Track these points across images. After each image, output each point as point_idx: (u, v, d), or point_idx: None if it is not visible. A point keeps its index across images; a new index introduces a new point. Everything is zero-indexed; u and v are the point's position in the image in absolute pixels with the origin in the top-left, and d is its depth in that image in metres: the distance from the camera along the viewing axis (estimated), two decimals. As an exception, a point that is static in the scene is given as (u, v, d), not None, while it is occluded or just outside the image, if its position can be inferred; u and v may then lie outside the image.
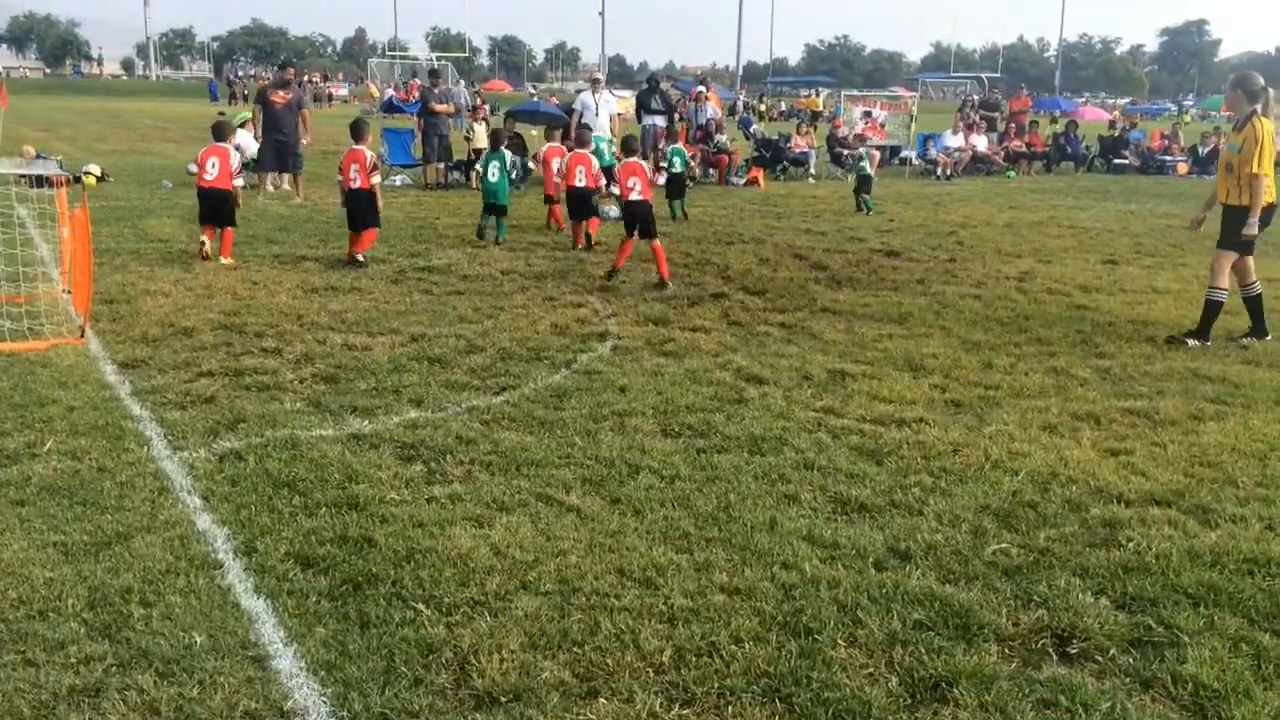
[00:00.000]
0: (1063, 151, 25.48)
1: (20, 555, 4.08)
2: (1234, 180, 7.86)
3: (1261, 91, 7.85)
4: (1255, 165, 7.66)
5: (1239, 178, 7.81)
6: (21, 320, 7.51)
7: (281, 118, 15.95)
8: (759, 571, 4.15)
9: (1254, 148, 7.65)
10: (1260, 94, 7.85)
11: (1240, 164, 7.75)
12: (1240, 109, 7.98)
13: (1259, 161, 7.65)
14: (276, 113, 15.92)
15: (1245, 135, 7.76)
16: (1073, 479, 5.19)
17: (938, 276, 10.68)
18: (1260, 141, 7.64)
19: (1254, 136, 7.68)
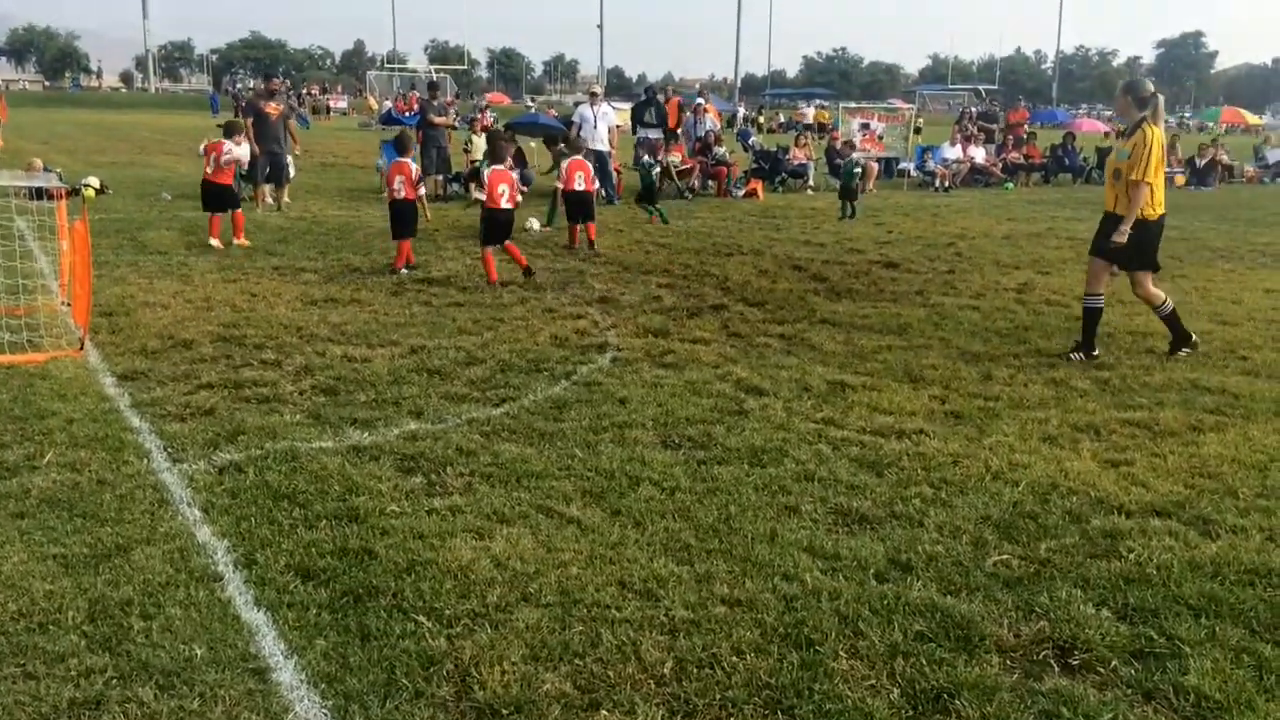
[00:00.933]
0: (1060, 163, 25.56)
1: (20, 568, 4.07)
2: (1122, 188, 7.62)
3: (1151, 98, 7.63)
4: (1139, 172, 7.43)
5: (1126, 185, 7.58)
6: (21, 332, 7.50)
7: (274, 129, 15.97)
8: (760, 583, 4.14)
9: (1143, 153, 7.41)
10: (1150, 100, 7.62)
11: (1128, 170, 7.51)
12: (1130, 115, 7.75)
13: (1144, 169, 7.42)
14: (269, 124, 15.92)
15: (1135, 142, 7.51)
16: (1073, 490, 5.19)
17: (936, 288, 10.69)
18: (1149, 148, 7.42)
19: (1143, 143, 7.43)
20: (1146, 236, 7.66)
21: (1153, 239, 7.76)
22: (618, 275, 11.14)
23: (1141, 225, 7.56)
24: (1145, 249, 7.73)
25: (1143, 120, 7.55)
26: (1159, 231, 7.78)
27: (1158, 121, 7.58)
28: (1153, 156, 7.42)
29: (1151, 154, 7.41)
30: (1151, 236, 7.72)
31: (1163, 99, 7.71)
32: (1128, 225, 7.53)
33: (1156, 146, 7.44)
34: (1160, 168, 7.53)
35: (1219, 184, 25.80)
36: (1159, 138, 7.51)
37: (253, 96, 17.65)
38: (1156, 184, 7.53)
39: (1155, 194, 7.56)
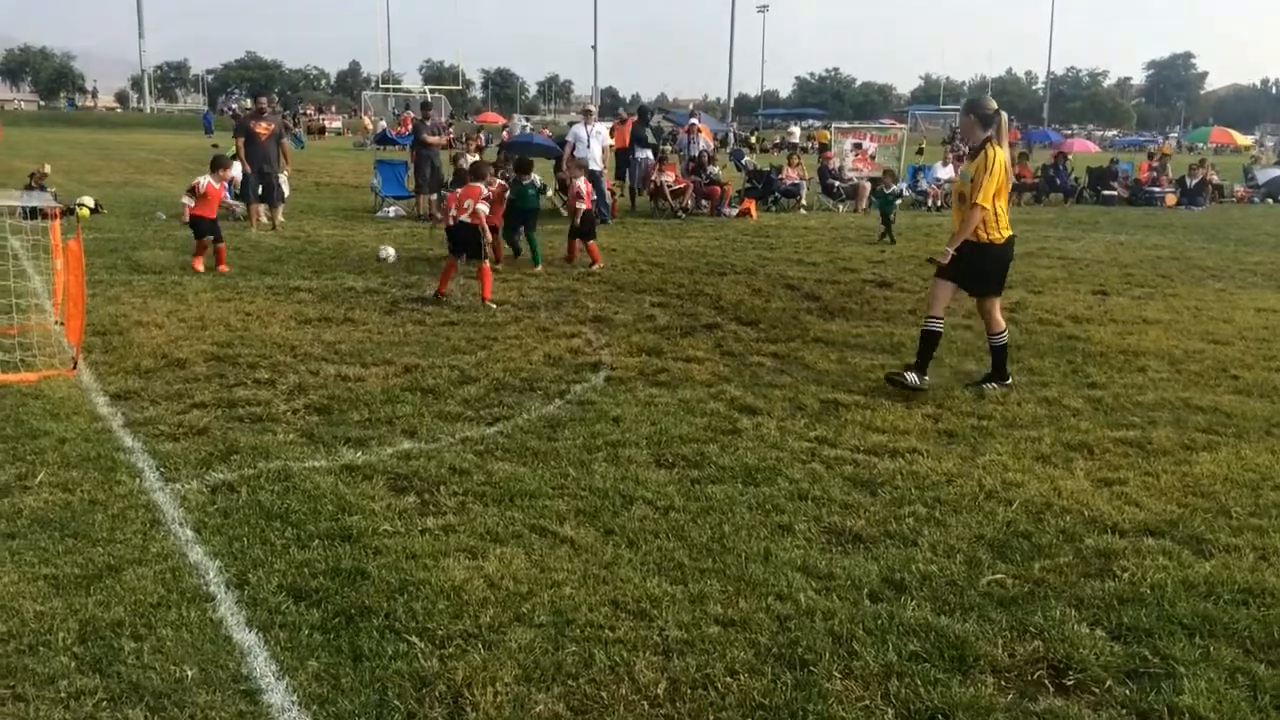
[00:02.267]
0: (1052, 183, 25.69)
1: (11, 588, 4.05)
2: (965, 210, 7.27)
3: (994, 117, 7.17)
4: (977, 194, 7.02)
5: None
6: (14, 352, 7.49)
7: (265, 148, 15.95)
8: (754, 603, 4.14)
9: (984, 176, 7.02)
10: (993, 119, 7.17)
11: (971, 193, 7.11)
12: (974, 136, 7.27)
13: (982, 192, 7.02)
14: (261, 144, 15.91)
15: (977, 164, 7.14)
16: (1066, 509, 5.19)
17: (930, 307, 10.71)
18: (991, 171, 7.03)
19: (985, 165, 7.05)
20: (991, 261, 7.28)
21: (998, 263, 7.35)
22: (611, 294, 11.15)
23: (985, 249, 7.19)
24: (990, 273, 7.36)
25: (987, 140, 7.15)
26: (1006, 255, 7.38)
27: (1002, 142, 7.17)
28: (993, 178, 7.03)
29: (992, 176, 7.02)
30: (996, 260, 7.32)
31: (1006, 117, 7.23)
32: (952, 247, 7.21)
33: (998, 168, 7.06)
34: (1004, 190, 7.17)
35: (1210, 203, 25.93)
36: (1002, 159, 7.11)
37: (244, 116, 17.60)
38: (1000, 206, 7.15)
39: (1000, 217, 7.17)
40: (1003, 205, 7.20)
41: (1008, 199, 7.31)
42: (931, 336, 7.45)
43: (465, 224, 10.56)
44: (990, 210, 7.10)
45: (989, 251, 7.23)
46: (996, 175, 7.05)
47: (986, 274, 7.36)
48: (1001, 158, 7.11)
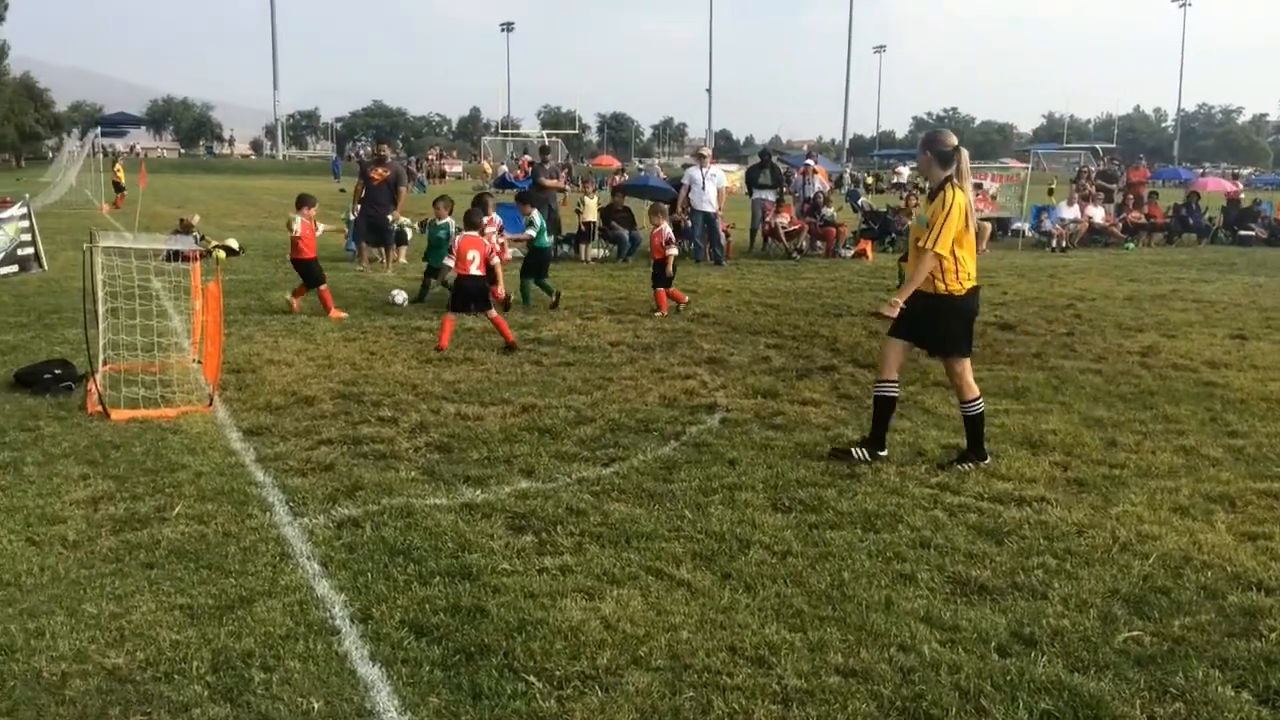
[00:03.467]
0: (1184, 223, 24.78)
1: (149, 617, 4.21)
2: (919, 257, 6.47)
3: (954, 154, 6.37)
4: (928, 240, 6.25)
5: None
6: (155, 388, 7.84)
7: (376, 193, 16.40)
8: (875, 653, 4.03)
9: (941, 220, 6.23)
10: (953, 157, 6.38)
11: (927, 238, 6.31)
12: (933, 175, 6.50)
13: (934, 236, 6.23)
14: (374, 189, 16.41)
15: (934, 206, 6.35)
16: (1208, 564, 4.94)
17: (1055, 350, 10.40)
18: (949, 214, 6.23)
19: (942, 207, 6.26)
20: (951, 315, 6.42)
21: (960, 317, 6.48)
22: (726, 335, 11.13)
23: (942, 301, 6.38)
24: (952, 330, 6.47)
25: (947, 180, 6.35)
26: (968, 308, 6.51)
27: (963, 182, 6.39)
28: (952, 223, 6.24)
29: (950, 220, 6.24)
30: (957, 314, 6.45)
31: (966, 154, 6.46)
32: (901, 298, 6.43)
33: (957, 212, 6.25)
34: (965, 236, 6.33)
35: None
36: (962, 202, 6.29)
37: (365, 162, 18.21)
38: (962, 254, 6.33)
39: (962, 265, 6.34)
40: (965, 253, 6.36)
41: (973, 246, 6.45)
42: (885, 403, 6.63)
43: (475, 276, 10.20)
44: (950, 258, 6.28)
45: (948, 304, 6.39)
46: (955, 220, 6.24)
47: (948, 330, 6.46)
48: (961, 200, 6.30)
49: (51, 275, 15.30)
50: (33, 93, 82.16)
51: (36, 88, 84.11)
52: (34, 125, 79.24)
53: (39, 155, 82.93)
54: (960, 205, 6.28)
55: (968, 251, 6.38)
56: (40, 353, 9.31)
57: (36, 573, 4.66)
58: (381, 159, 17.22)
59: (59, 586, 4.52)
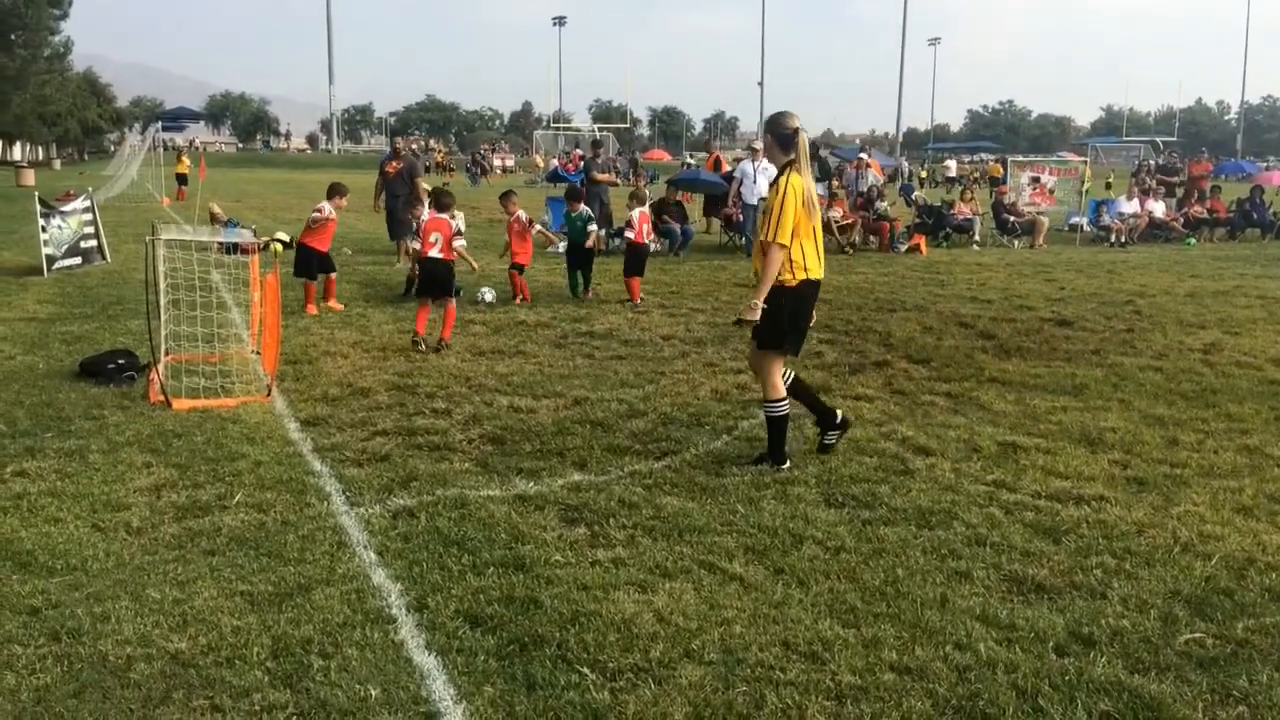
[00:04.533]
0: (1248, 217, 24.19)
1: (210, 604, 4.29)
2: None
3: (794, 136, 5.90)
4: (773, 232, 5.83)
5: None
6: (215, 378, 7.99)
7: (393, 186, 16.60)
8: (930, 651, 4.00)
9: (776, 208, 5.84)
10: (793, 140, 5.91)
11: (767, 230, 5.92)
12: (775, 160, 6.10)
13: (774, 229, 5.82)
14: (389, 182, 16.67)
15: (771, 195, 5.98)
16: (1272, 566, 4.83)
17: (1114, 347, 10.22)
18: (782, 201, 5.82)
19: (777, 195, 5.89)
20: (772, 305, 5.97)
21: (782, 310, 5.99)
22: (779, 330, 11.06)
23: (775, 292, 5.97)
24: (770, 320, 6.00)
25: (789, 165, 5.95)
26: (795, 301, 6.01)
27: (802, 168, 5.92)
28: (788, 211, 5.82)
29: (786, 208, 5.82)
30: (780, 306, 5.98)
31: (806, 137, 5.98)
32: (759, 298, 5.93)
33: (792, 198, 5.83)
34: (805, 224, 5.91)
35: None
36: (799, 187, 5.87)
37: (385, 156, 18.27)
38: (806, 245, 5.94)
39: (796, 256, 5.93)
40: (806, 242, 5.92)
41: (818, 234, 6.04)
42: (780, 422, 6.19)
43: (435, 259, 9.89)
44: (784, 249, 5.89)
45: (774, 294, 5.96)
46: (790, 207, 5.83)
47: (770, 319, 5.99)
48: (799, 185, 5.88)
49: (114, 268, 15.63)
50: (95, 88, 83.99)
51: (99, 83, 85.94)
52: (96, 120, 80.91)
53: (101, 149, 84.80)
54: (796, 190, 5.87)
55: (807, 240, 5.96)
56: (104, 343, 9.52)
57: (102, 558, 4.77)
58: (396, 152, 17.49)
59: (124, 572, 4.62)
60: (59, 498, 5.54)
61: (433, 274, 9.98)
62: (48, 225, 14.93)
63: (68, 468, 6.04)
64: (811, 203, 5.98)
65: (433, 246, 9.88)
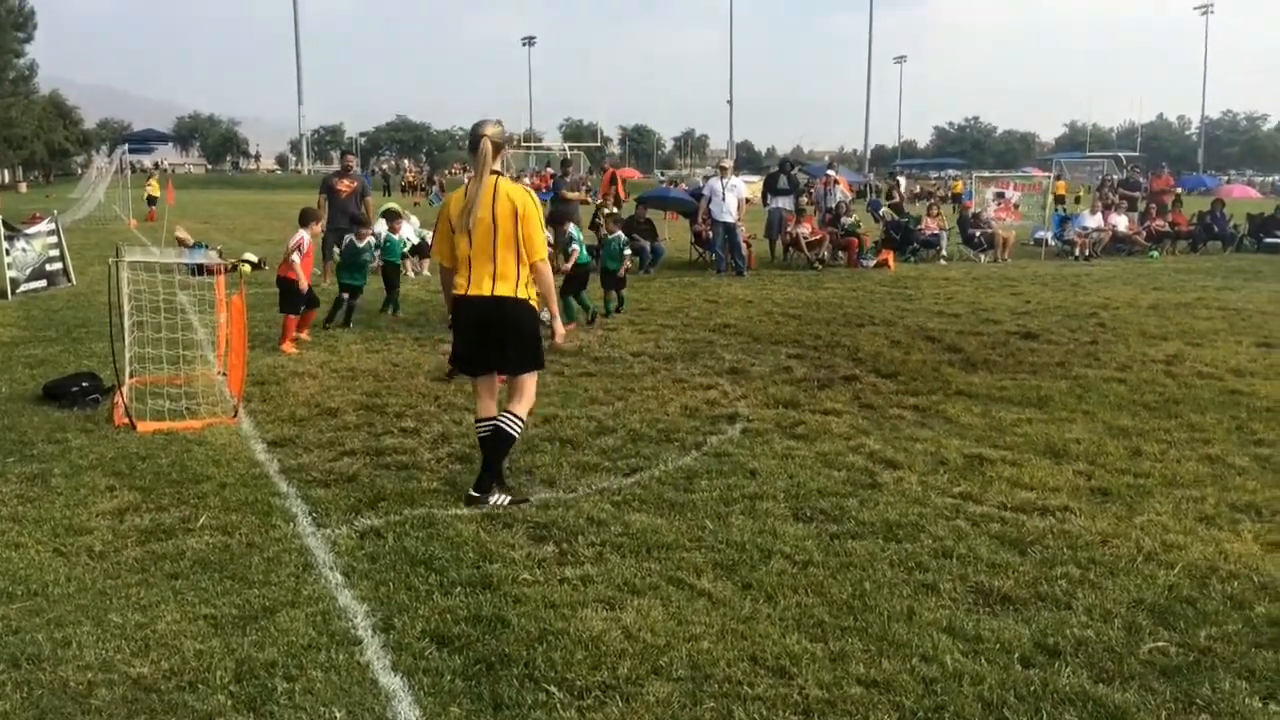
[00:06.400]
0: (1209, 230, 24.54)
1: (173, 627, 4.25)
2: None
3: (477, 143, 5.64)
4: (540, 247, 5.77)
5: None
6: (181, 400, 7.91)
7: (345, 205, 15.76)
8: (897, 663, 4.01)
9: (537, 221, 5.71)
10: (474, 148, 5.70)
11: None
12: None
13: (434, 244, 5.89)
14: (340, 201, 15.80)
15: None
16: (1234, 574, 4.89)
17: (1079, 359, 10.33)
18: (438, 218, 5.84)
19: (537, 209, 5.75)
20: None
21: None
22: (747, 346, 11.12)
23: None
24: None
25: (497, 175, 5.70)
26: (457, 318, 5.89)
27: (478, 174, 5.63)
28: (439, 226, 5.84)
29: (439, 223, 5.86)
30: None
31: (487, 144, 5.58)
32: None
33: (442, 213, 5.81)
34: (447, 238, 5.74)
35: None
36: (450, 199, 5.80)
37: (330, 175, 17.27)
38: (462, 257, 5.70)
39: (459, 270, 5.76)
40: (462, 254, 5.66)
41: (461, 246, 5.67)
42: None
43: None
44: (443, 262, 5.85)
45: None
46: (441, 223, 5.79)
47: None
48: (450, 198, 5.82)
49: (80, 290, 15.48)
50: (61, 110, 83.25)
51: (65, 105, 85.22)
52: (63, 142, 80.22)
53: (68, 172, 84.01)
54: (449, 201, 5.80)
55: (460, 253, 5.68)
56: (68, 366, 9.42)
57: (63, 583, 4.71)
58: (347, 169, 16.76)
59: (85, 597, 4.56)
60: (20, 522, 5.47)
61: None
62: (11, 248, 14.78)
63: (29, 492, 5.97)
64: (462, 215, 5.64)
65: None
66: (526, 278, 5.73)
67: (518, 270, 5.67)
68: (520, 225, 5.60)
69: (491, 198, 5.58)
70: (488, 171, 5.60)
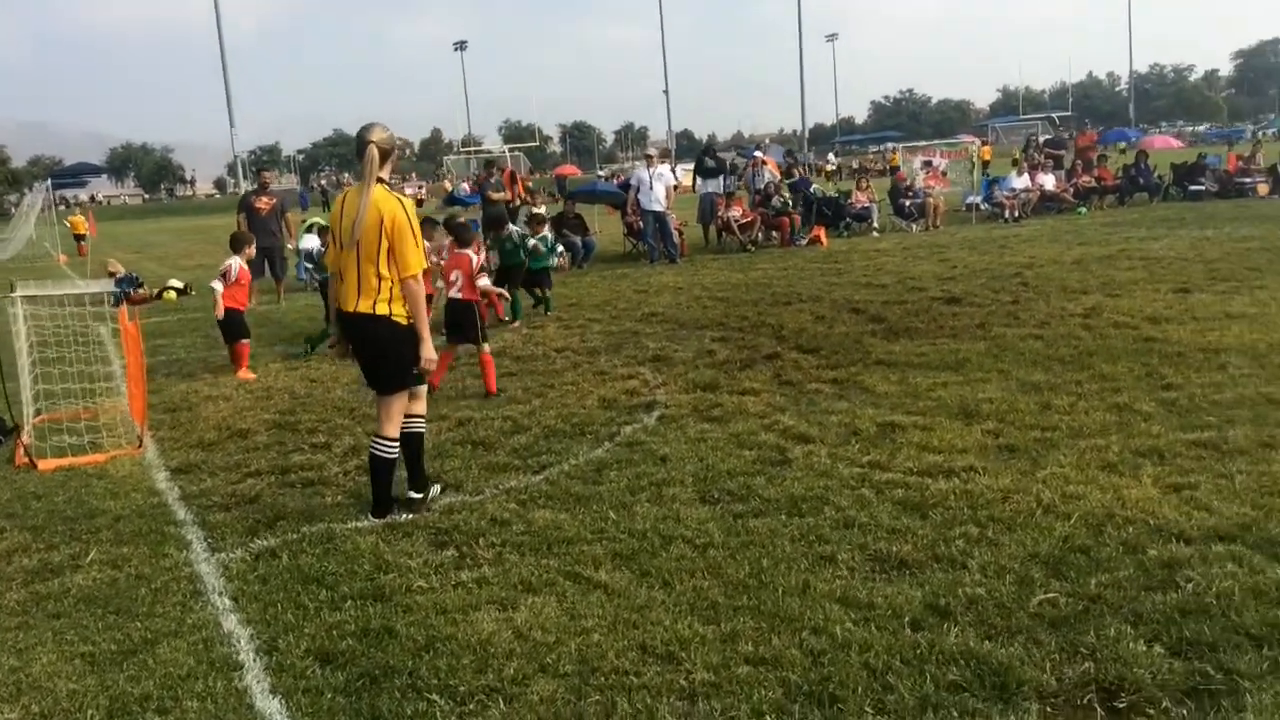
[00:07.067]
0: (1135, 183, 24.85)
1: (48, 668, 4.12)
2: None
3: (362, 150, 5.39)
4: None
5: None
6: (85, 435, 7.72)
7: (266, 223, 15.73)
8: (787, 639, 3.98)
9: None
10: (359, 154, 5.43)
11: None
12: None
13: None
14: (260, 219, 15.71)
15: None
16: (1130, 519, 4.91)
17: (999, 320, 10.39)
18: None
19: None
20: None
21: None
22: (673, 333, 11.08)
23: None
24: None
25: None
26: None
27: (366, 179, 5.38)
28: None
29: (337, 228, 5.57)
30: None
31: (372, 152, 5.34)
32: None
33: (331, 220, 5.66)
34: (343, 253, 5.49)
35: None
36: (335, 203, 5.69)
37: (246, 193, 17.09)
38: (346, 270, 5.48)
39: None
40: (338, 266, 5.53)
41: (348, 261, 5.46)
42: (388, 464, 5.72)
43: (455, 301, 8.88)
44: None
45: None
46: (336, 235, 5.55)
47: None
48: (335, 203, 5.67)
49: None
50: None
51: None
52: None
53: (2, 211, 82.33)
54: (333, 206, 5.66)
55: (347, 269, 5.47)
56: (-26, 409, 9.17)
57: (-59, 633, 4.56)
58: (265, 187, 16.74)
59: (-38, 645, 4.42)
60: (-97, 574, 5.30)
61: (456, 318, 8.87)
62: (-79, 293, 14.39)
63: (-82, 542, 5.78)
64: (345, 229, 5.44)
65: (453, 286, 8.85)
66: (392, 293, 5.43)
67: (378, 285, 5.39)
68: (385, 238, 5.33)
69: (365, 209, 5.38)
70: (373, 180, 5.37)
